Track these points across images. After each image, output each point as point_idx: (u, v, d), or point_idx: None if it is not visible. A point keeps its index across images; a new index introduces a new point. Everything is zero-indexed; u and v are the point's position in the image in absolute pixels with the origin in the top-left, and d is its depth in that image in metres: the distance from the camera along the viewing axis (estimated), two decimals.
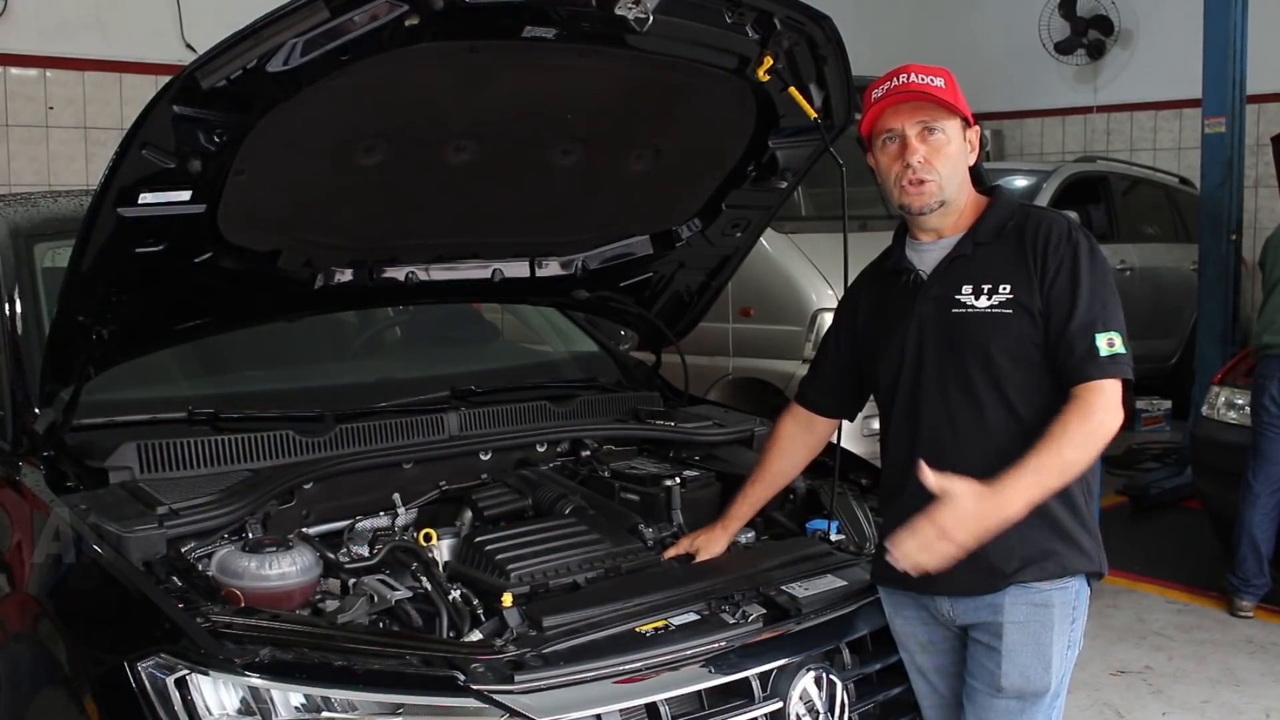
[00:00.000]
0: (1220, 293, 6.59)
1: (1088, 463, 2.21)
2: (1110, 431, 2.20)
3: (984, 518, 2.11)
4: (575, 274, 3.25)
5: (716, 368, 5.89)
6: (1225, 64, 6.43)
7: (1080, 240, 2.27)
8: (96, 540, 2.24)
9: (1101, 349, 2.20)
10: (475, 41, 2.35)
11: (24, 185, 6.83)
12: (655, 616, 2.29)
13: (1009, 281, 2.26)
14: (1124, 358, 2.21)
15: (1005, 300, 2.25)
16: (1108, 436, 2.21)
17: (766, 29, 2.59)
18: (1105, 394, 2.19)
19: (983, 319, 2.26)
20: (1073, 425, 2.17)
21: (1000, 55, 10.72)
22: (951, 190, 2.32)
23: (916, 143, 2.29)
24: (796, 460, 2.72)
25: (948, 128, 2.30)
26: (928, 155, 2.29)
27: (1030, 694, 2.28)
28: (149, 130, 2.15)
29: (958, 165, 2.33)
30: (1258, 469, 4.99)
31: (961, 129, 2.33)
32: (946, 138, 2.30)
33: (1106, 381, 2.19)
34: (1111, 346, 2.20)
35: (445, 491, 2.84)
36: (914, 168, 2.29)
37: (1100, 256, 2.28)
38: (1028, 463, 2.14)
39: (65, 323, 2.43)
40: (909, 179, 2.30)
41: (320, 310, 3.02)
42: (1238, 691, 4.32)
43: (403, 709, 1.97)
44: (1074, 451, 2.17)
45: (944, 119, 2.30)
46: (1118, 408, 2.20)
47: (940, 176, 2.30)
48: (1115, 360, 2.20)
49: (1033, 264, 2.25)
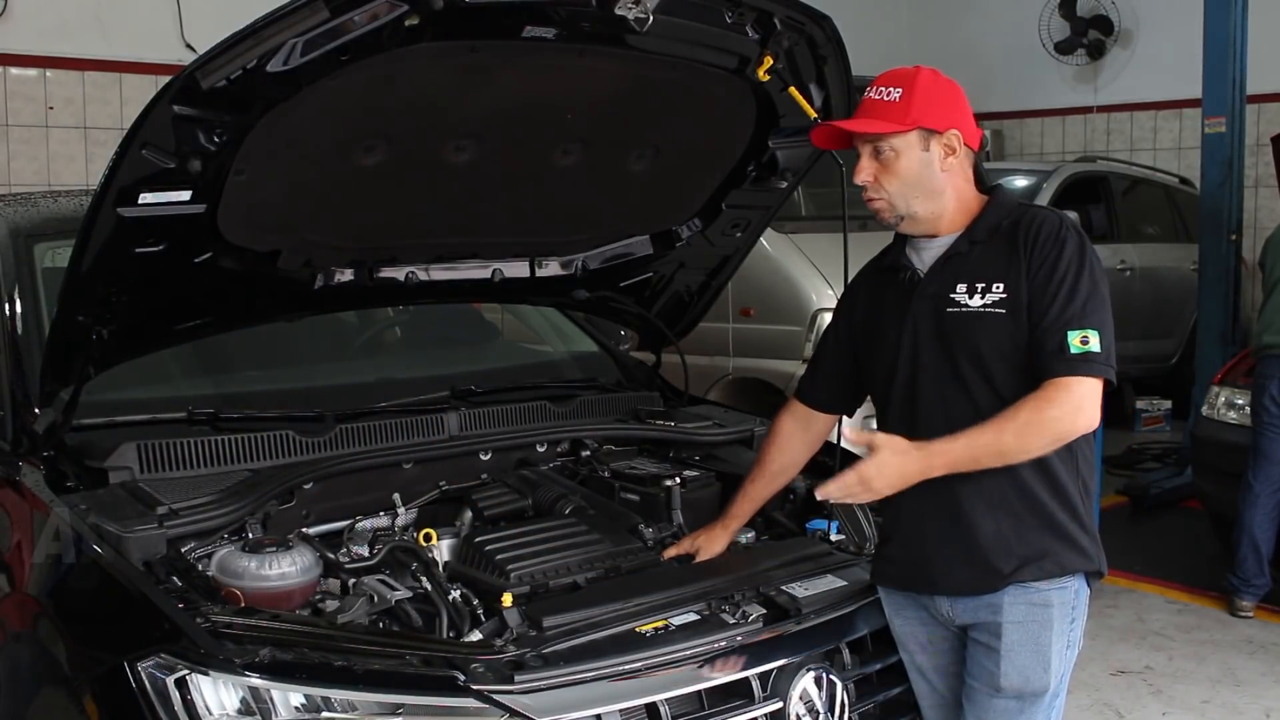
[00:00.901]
0: (1220, 293, 6.58)
1: (1029, 453, 2.19)
2: (1067, 429, 2.17)
3: (905, 470, 2.20)
4: (575, 274, 3.25)
5: (716, 368, 5.88)
6: (1225, 64, 6.43)
7: (1069, 237, 2.24)
8: (96, 540, 2.24)
9: (1073, 345, 2.16)
10: (475, 41, 2.35)
11: (24, 185, 6.82)
12: (655, 616, 2.29)
13: (1002, 280, 2.25)
14: (1098, 356, 2.17)
15: (998, 300, 2.24)
16: (1063, 433, 2.18)
17: (766, 29, 2.59)
18: (1069, 391, 2.16)
19: (976, 318, 2.26)
20: (1023, 414, 2.16)
21: (1000, 55, 10.72)
22: (908, 204, 2.31)
23: (866, 160, 2.31)
24: (796, 457, 2.72)
25: (896, 143, 2.28)
26: (876, 172, 2.30)
27: (1029, 694, 2.28)
28: (149, 130, 2.15)
29: (913, 179, 2.29)
30: (1258, 469, 4.99)
31: (919, 140, 2.29)
32: (896, 153, 2.28)
33: (1073, 379, 2.16)
34: (1085, 344, 2.16)
35: (445, 491, 2.84)
36: (864, 187, 2.32)
37: (1090, 255, 2.25)
38: (967, 434, 2.18)
39: (65, 323, 2.43)
40: (865, 196, 2.34)
41: (320, 310, 3.02)
42: (1238, 691, 4.32)
43: (403, 709, 1.97)
44: (1013, 438, 2.17)
45: (894, 136, 2.28)
46: (1083, 407, 2.16)
47: (888, 194, 2.30)
48: (1086, 358, 2.16)
49: (1022, 261, 2.24)
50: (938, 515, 2.30)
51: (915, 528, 2.35)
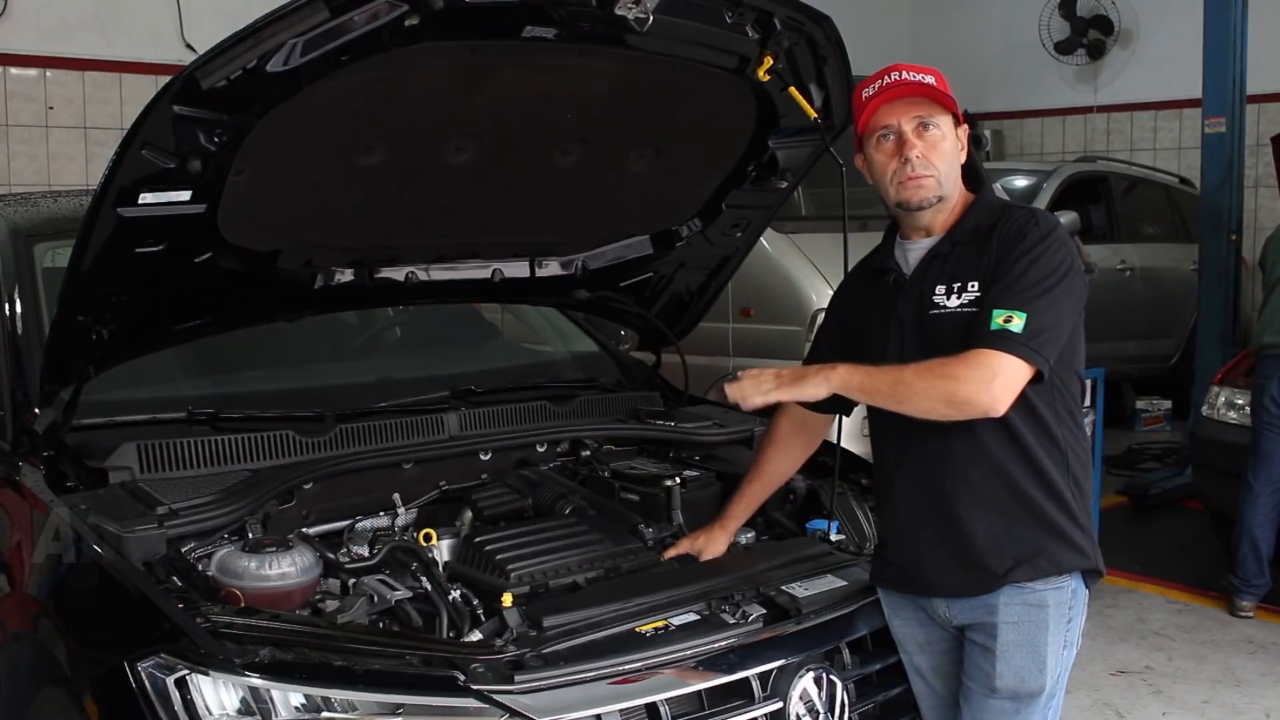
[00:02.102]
0: (1220, 293, 6.58)
1: (922, 398, 2.17)
2: (967, 395, 2.14)
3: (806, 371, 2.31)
4: (575, 274, 3.25)
5: (716, 368, 5.88)
6: (1225, 64, 6.43)
7: (1030, 230, 2.23)
8: (96, 540, 2.24)
9: (994, 322, 2.15)
10: (475, 41, 2.35)
11: (24, 185, 6.83)
12: (655, 616, 2.29)
13: (976, 279, 2.25)
14: (1017, 336, 2.14)
15: (973, 299, 2.24)
16: (962, 398, 2.15)
17: (766, 29, 2.59)
18: (984, 362, 2.13)
19: (954, 318, 2.26)
20: (933, 363, 2.17)
21: (1000, 55, 10.72)
22: (949, 186, 2.32)
23: (914, 138, 2.29)
24: (793, 458, 2.72)
25: (942, 123, 2.30)
26: (924, 150, 2.29)
27: (1025, 694, 2.28)
28: (149, 130, 2.15)
29: (953, 161, 2.32)
30: (1258, 469, 4.99)
31: (954, 125, 2.33)
32: (942, 133, 2.30)
33: (989, 352, 2.14)
34: (1007, 323, 2.15)
35: (445, 491, 2.84)
36: (912, 163, 2.28)
37: (1052, 249, 2.21)
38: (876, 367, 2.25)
39: (65, 323, 2.43)
40: (908, 174, 2.29)
41: (320, 310, 3.02)
42: (1238, 691, 4.32)
43: (403, 709, 1.97)
44: (915, 378, 2.18)
45: (938, 114, 2.30)
46: (993, 382, 2.13)
47: (938, 172, 2.29)
48: (1004, 335, 2.14)
49: (991, 259, 2.25)
50: (932, 517, 2.30)
51: (910, 530, 2.35)
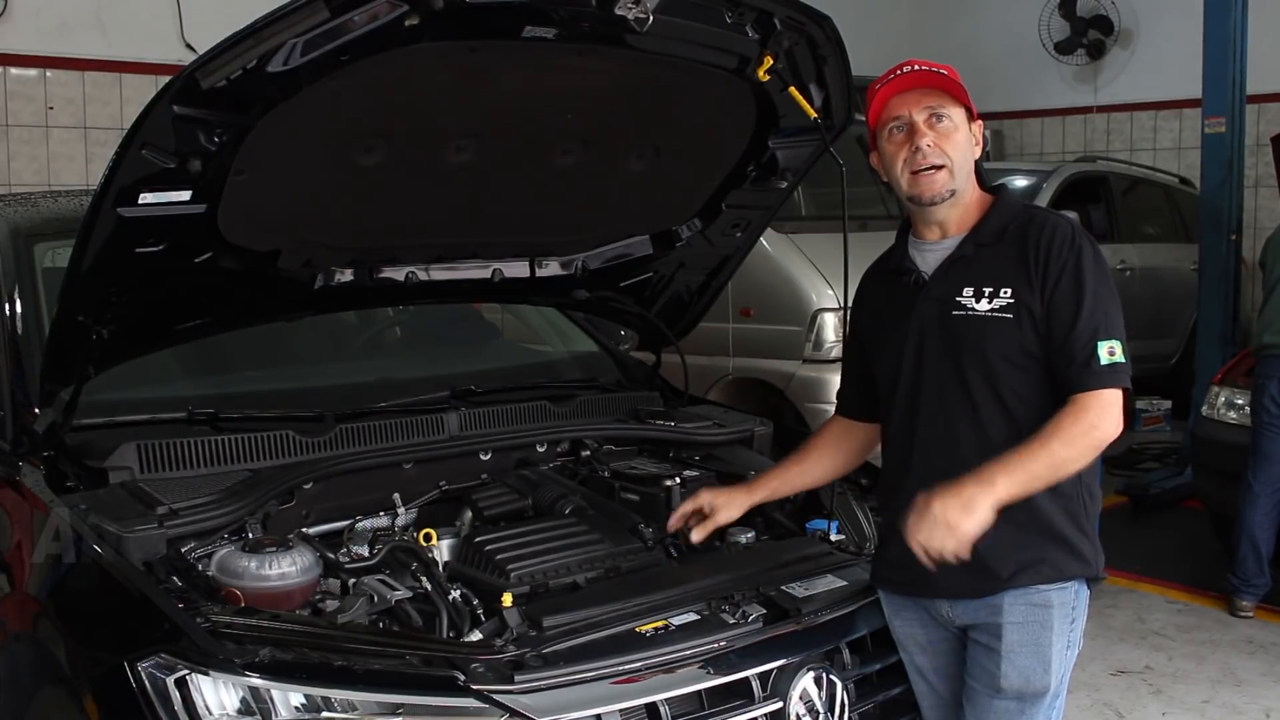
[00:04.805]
0: (1220, 293, 6.58)
1: (1076, 462, 2.19)
2: (1105, 437, 2.19)
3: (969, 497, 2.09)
4: (575, 274, 3.25)
5: (716, 368, 5.88)
6: (1225, 64, 6.43)
7: (1084, 245, 2.25)
8: (96, 540, 2.24)
9: (1101, 357, 2.19)
10: (475, 41, 2.35)
11: (24, 185, 6.83)
12: (655, 616, 2.29)
13: (1010, 285, 2.25)
14: (1123, 367, 2.20)
15: (1006, 304, 2.24)
16: (1101, 442, 2.19)
17: (766, 29, 2.59)
18: (1102, 402, 2.18)
19: (982, 322, 2.25)
20: (1065, 425, 2.17)
21: (1000, 55, 10.71)
22: (961, 180, 2.30)
23: (925, 128, 2.27)
24: (836, 462, 2.67)
25: (955, 115, 2.29)
26: (936, 140, 2.27)
27: (1030, 694, 2.28)
28: (149, 130, 2.15)
29: (966, 154, 2.31)
30: (1258, 469, 4.98)
31: (967, 119, 2.32)
32: (954, 124, 2.29)
33: (1105, 391, 2.19)
34: (1112, 355, 2.19)
35: (445, 491, 2.84)
36: (923, 151, 2.26)
37: (1102, 261, 2.27)
38: (1014, 453, 2.15)
39: (65, 323, 2.43)
40: (918, 165, 2.27)
41: (320, 310, 3.02)
42: (1238, 691, 4.32)
43: (403, 709, 1.97)
44: (1063, 448, 2.16)
45: (951, 106, 2.29)
46: (1116, 416, 2.19)
47: (951, 162, 2.27)
48: (1114, 369, 2.19)
49: (1034, 268, 2.24)
50: None
51: None
